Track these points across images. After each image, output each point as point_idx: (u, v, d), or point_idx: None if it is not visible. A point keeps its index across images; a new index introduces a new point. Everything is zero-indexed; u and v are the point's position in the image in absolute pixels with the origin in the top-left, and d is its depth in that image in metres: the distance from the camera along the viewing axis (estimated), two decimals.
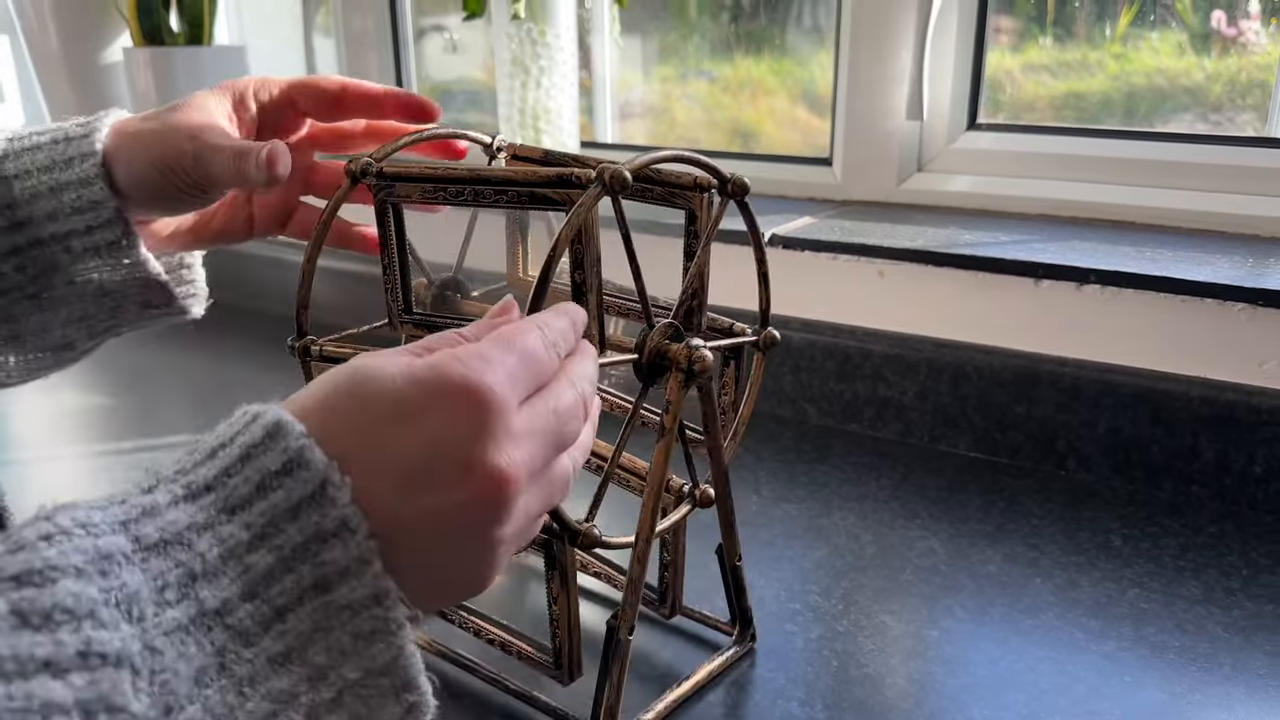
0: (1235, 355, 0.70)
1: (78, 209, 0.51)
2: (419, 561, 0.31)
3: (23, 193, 0.51)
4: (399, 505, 0.30)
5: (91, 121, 0.52)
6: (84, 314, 0.54)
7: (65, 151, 0.51)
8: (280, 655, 0.28)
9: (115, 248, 0.52)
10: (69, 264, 0.52)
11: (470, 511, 0.31)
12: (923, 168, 0.96)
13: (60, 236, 0.51)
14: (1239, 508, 0.71)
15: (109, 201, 0.51)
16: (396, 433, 0.30)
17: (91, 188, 0.50)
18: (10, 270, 0.52)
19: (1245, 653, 0.55)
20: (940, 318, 0.80)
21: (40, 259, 0.52)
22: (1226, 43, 0.86)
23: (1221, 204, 0.82)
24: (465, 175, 0.46)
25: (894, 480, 0.76)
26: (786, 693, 0.52)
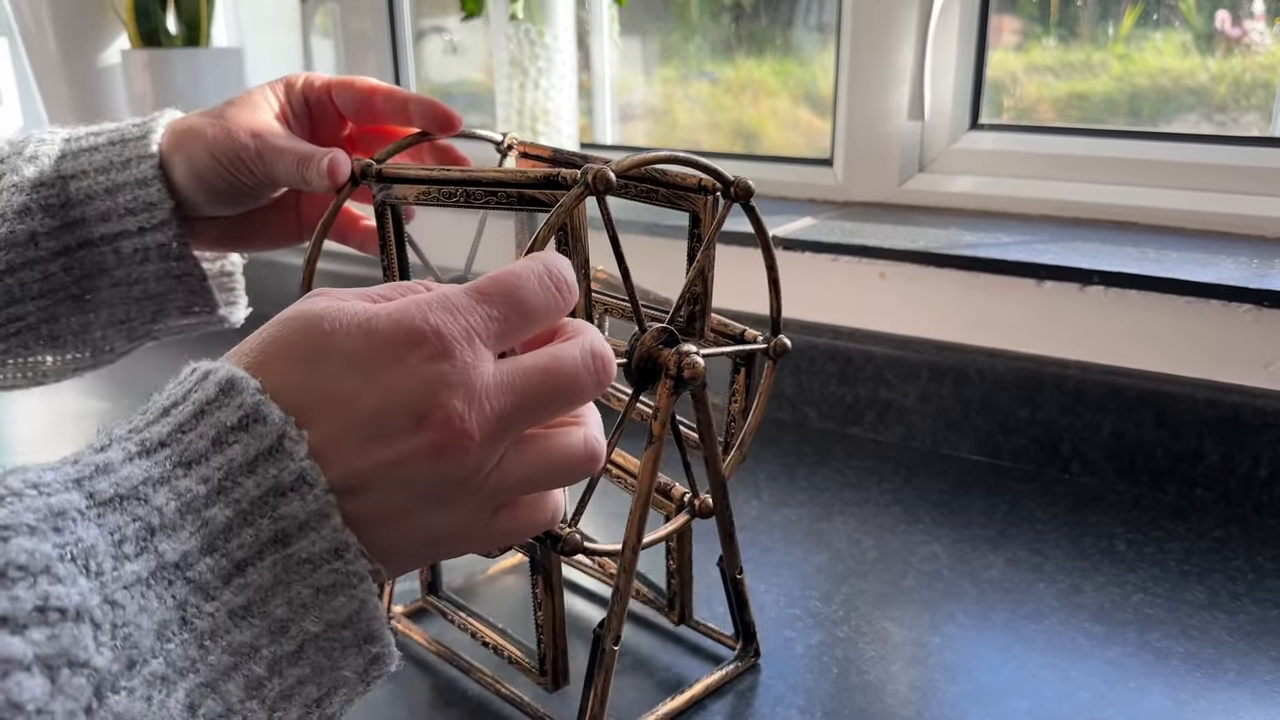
0: (1240, 357, 0.69)
1: (131, 210, 0.52)
2: (381, 516, 0.30)
3: (78, 192, 0.52)
4: (355, 457, 0.29)
5: (147, 122, 0.53)
6: (125, 316, 0.55)
7: (123, 153, 0.52)
8: (241, 609, 0.28)
9: (165, 250, 0.53)
10: (116, 265, 0.53)
11: (427, 464, 0.30)
12: (924, 168, 0.95)
13: (111, 237, 0.52)
14: (1244, 511, 0.70)
15: (165, 202, 0.52)
16: (352, 384, 0.29)
17: (149, 188, 0.51)
18: (58, 270, 0.52)
19: (1251, 658, 0.54)
20: (942, 319, 0.80)
21: (88, 260, 0.52)
22: (1231, 43, 0.86)
23: (1226, 204, 0.81)
24: (458, 177, 0.46)
25: (896, 484, 0.75)
26: (786, 700, 0.52)
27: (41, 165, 0.51)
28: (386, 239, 0.50)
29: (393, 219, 0.50)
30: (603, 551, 0.44)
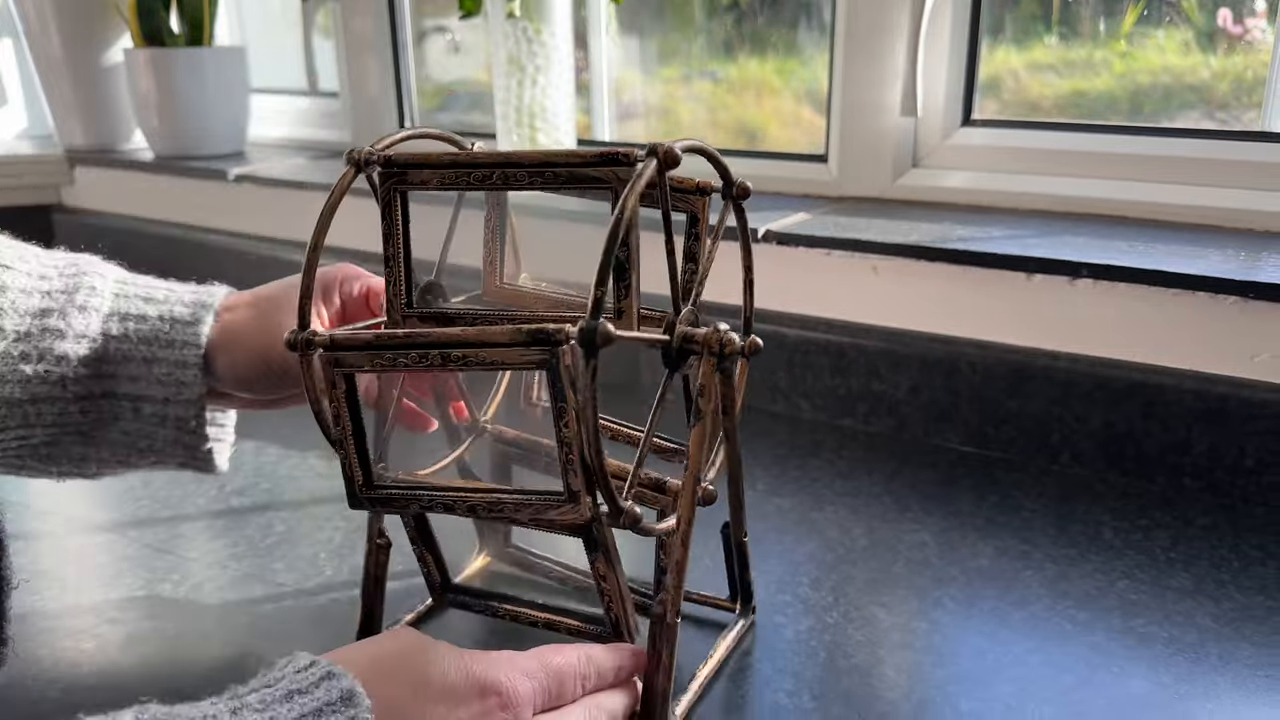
0: (1227, 348, 0.70)
1: (163, 382, 0.54)
2: None
3: (116, 352, 0.53)
4: None
5: (199, 305, 0.55)
6: (125, 458, 0.56)
7: (169, 333, 0.54)
8: None
9: (183, 424, 0.55)
10: (132, 420, 0.54)
11: None
12: (918, 164, 0.96)
13: (134, 397, 0.54)
14: (1231, 500, 0.71)
15: (197, 387, 0.54)
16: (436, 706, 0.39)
17: (186, 371, 0.53)
18: (76, 411, 0.53)
19: (1233, 643, 0.55)
20: (933, 313, 0.80)
21: (106, 408, 0.54)
22: (1232, 40, 0.86)
23: (1215, 198, 0.82)
24: (492, 158, 0.46)
25: (886, 474, 0.76)
26: (774, 683, 0.53)
27: (89, 320, 0.53)
28: (392, 231, 0.50)
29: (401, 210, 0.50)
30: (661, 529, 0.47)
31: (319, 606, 0.60)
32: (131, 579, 0.63)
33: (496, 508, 0.45)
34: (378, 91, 1.33)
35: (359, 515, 0.70)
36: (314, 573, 0.64)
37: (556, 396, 0.40)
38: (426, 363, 0.42)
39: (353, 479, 0.46)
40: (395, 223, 0.50)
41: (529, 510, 0.44)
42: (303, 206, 1.19)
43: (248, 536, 0.69)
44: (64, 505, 0.75)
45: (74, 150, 1.44)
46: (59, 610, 0.60)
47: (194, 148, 1.34)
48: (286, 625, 0.59)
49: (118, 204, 1.41)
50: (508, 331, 0.41)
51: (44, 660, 0.55)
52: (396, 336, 0.43)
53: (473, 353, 0.42)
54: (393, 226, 0.50)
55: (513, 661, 0.43)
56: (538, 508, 0.44)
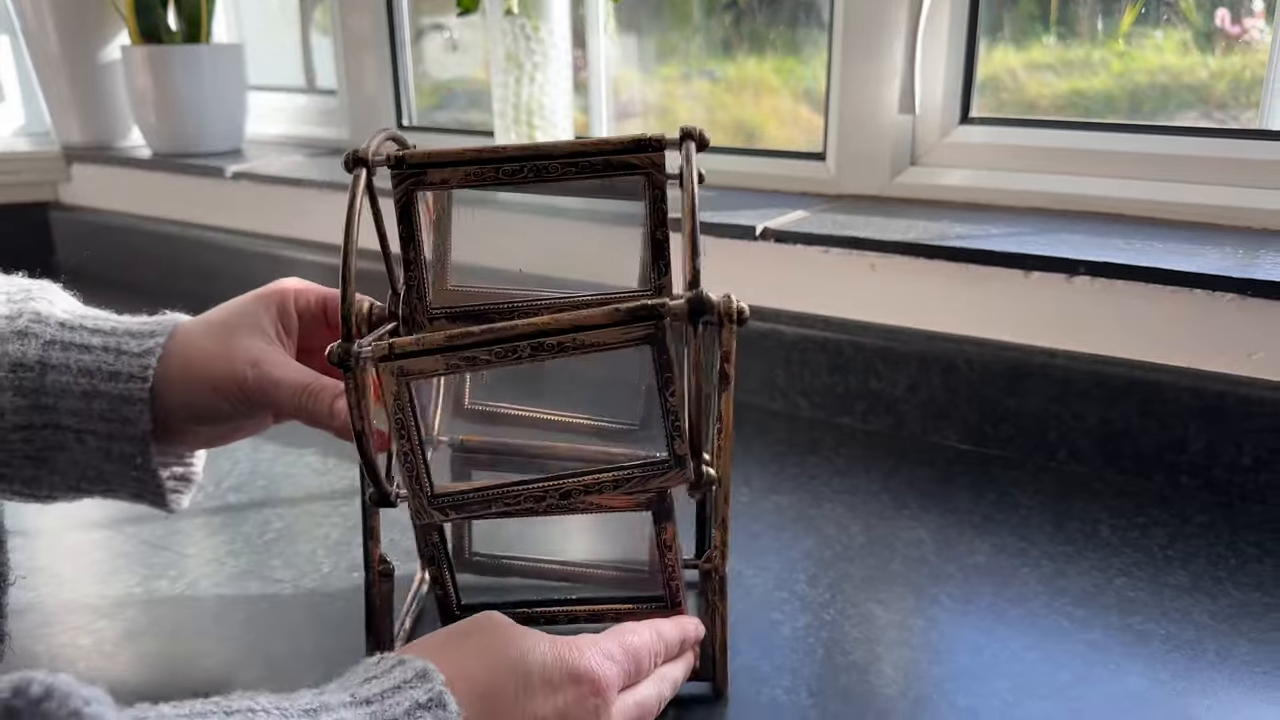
0: (1224, 346, 0.70)
1: (106, 418, 0.51)
2: None
3: (54, 385, 0.51)
4: None
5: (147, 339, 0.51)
6: (77, 488, 0.54)
7: (113, 364, 0.51)
8: None
9: (129, 460, 0.52)
10: (78, 450, 0.52)
11: None
12: (916, 162, 0.96)
13: (76, 429, 0.51)
14: (1228, 498, 0.71)
15: (143, 424, 0.51)
16: (536, 695, 0.41)
17: (130, 407, 0.50)
18: (18, 441, 0.51)
19: (1230, 640, 0.55)
20: (931, 310, 0.80)
21: (51, 439, 0.52)
22: (1230, 40, 0.86)
23: (1213, 196, 0.82)
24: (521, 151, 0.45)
25: (884, 472, 0.76)
26: (771, 680, 0.53)
27: (27, 346, 0.50)
28: (413, 233, 0.48)
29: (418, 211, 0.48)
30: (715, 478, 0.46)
31: (316, 603, 0.60)
32: (128, 575, 0.63)
33: (594, 488, 0.44)
34: (375, 89, 1.33)
35: (355, 512, 0.70)
36: (311, 569, 0.64)
37: (662, 369, 0.42)
38: (515, 357, 0.41)
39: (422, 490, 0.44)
40: (415, 225, 0.48)
41: (631, 484, 0.44)
42: (300, 204, 1.18)
43: (245, 533, 0.69)
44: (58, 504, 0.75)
45: (71, 147, 1.44)
46: (56, 606, 0.60)
47: (191, 145, 1.34)
48: (284, 621, 0.59)
49: (115, 201, 1.41)
50: (606, 313, 0.40)
51: (41, 656, 0.55)
52: (473, 334, 0.41)
53: (569, 339, 0.40)
54: (412, 229, 0.48)
55: (596, 645, 0.44)
56: (641, 479, 0.44)
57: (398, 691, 0.38)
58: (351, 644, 0.56)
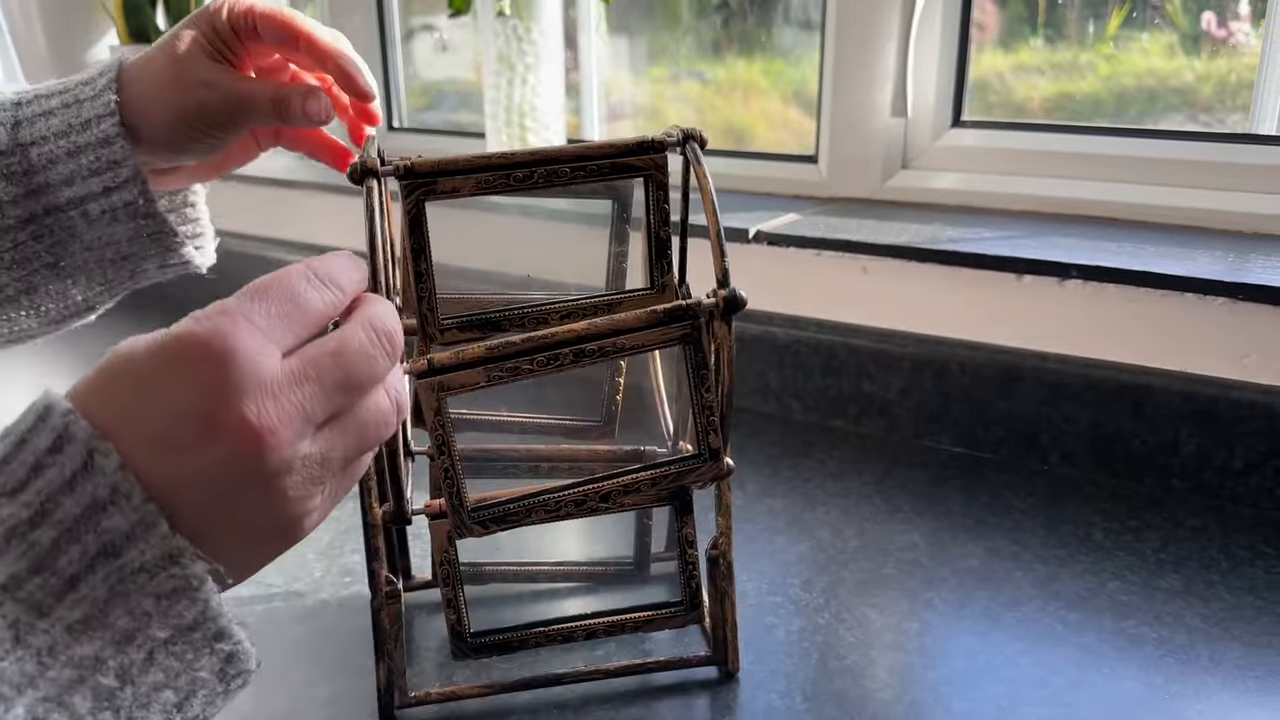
0: (1216, 349, 0.70)
1: (95, 170, 0.51)
2: (207, 523, 0.31)
3: (40, 158, 0.51)
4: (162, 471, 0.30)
5: (98, 79, 0.52)
6: (103, 279, 0.55)
7: (79, 114, 0.51)
8: (79, 623, 0.29)
9: (133, 209, 0.52)
10: (86, 230, 0.52)
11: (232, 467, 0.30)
12: (907, 165, 0.96)
13: (77, 200, 0.51)
14: (1220, 501, 0.71)
15: (128, 159, 0.51)
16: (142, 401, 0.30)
17: (111, 147, 0.51)
18: (28, 239, 0.52)
19: (1223, 644, 0.55)
20: (924, 313, 0.80)
21: (57, 226, 0.52)
22: (1216, 44, 0.87)
23: (1204, 200, 0.82)
24: (529, 157, 0.46)
25: (877, 475, 0.76)
26: (766, 684, 0.52)
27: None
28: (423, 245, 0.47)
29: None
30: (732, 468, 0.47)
31: (308, 607, 0.60)
32: None
33: (632, 488, 0.45)
34: None
35: (347, 517, 0.69)
36: (303, 574, 0.63)
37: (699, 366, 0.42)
38: (557, 364, 0.41)
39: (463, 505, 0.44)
40: (425, 236, 0.47)
41: (668, 480, 0.45)
42: (292, 205, 1.18)
43: None
44: None
45: None
46: None
47: None
48: (275, 626, 0.58)
49: None
50: (644, 315, 0.42)
51: None
52: (514, 344, 0.41)
53: (609, 343, 0.42)
54: (423, 240, 0.47)
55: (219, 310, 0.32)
56: (676, 475, 0.45)
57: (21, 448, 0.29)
58: (346, 651, 0.56)
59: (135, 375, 0.31)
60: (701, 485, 0.47)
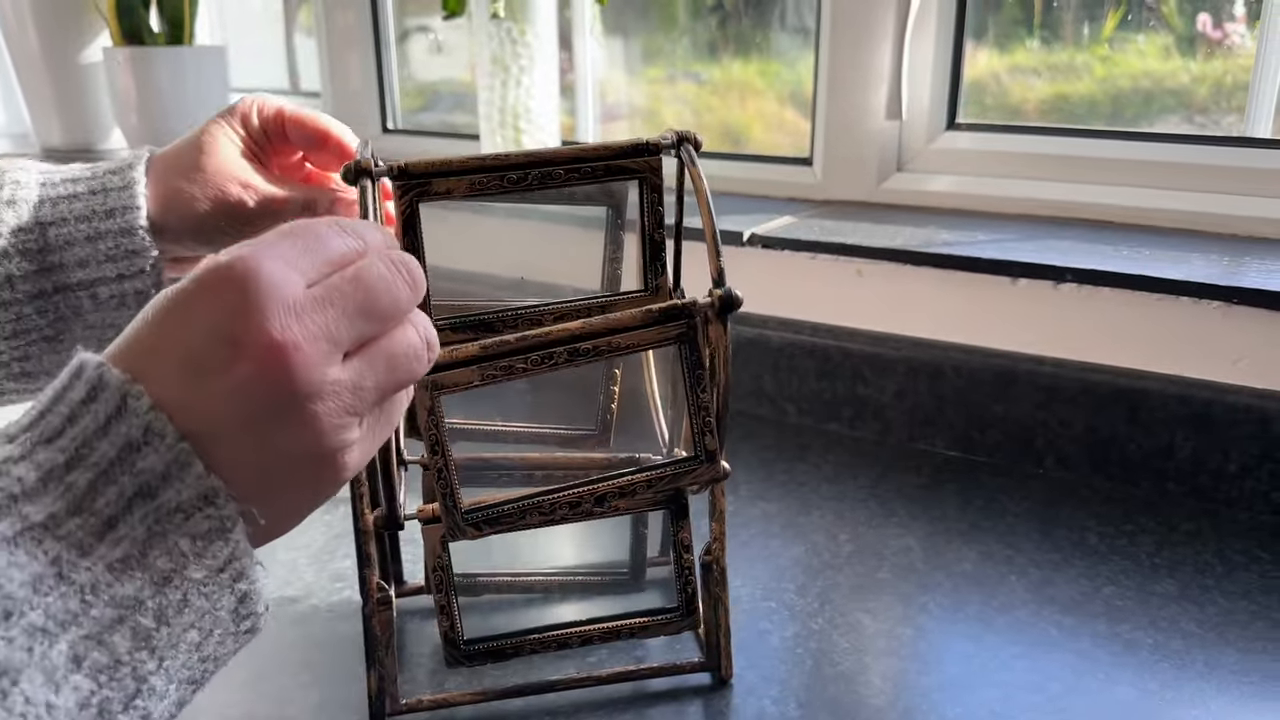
0: (1211, 353, 0.70)
1: (112, 257, 0.52)
2: (242, 455, 0.31)
3: (57, 238, 0.52)
4: (193, 399, 0.30)
5: (127, 171, 0.53)
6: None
7: (105, 203, 0.52)
8: (119, 561, 0.29)
9: (143, 297, 0.53)
10: (92, 310, 0.53)
11: (260, 387, 0.30)
12: (902, 167, 0.96)
13: (88, 284, 0.52)
14: (1215, 505, 0.71)
15: (148, 251, 0.52)
16: (170, 326, 0.31)
17: (132, 238, 0.52)
18: (32, 313, 0.52)
19: (1218, 649, 0.55)
20: (918, 317, 0.80)
21: (64, 304, 0.53)
22: (1212, 45, 0.87)
23: (1200, 203, 0.82)
24: (524, 159, 0.46)
25: (872, 479, 0.76)
26: (759, 690, 0.52)
27: (20, 211, 0.51)
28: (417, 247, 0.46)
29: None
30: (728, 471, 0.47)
31: (299, 612, 0.59)
32: None
33: (627, 491, 0.44)
34: (360, 90, 1.32)
35: (339, 521, 0.69)
36: (294, 578, 0.63)
37: (694, 366, 0.42)
38: (551, 363, 0.41)
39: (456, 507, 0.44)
40: (419, 237, 0.46)
41: (664, 482, 0.45)
42: None
43: None
44: None
45: (51, 149, 1.42)
46: None
47: None
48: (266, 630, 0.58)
49: None
50: (639, 314, 0.42)
51: None
52: (508, 343, 0.41)
53: (604, 342, 0.41)
54: (417, 241, 0.46)
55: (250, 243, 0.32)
56: (673, 477, 0.45)
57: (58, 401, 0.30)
58: (337, 657, 0.55)
59: (163, 309, 0.31)
60: (698, 489, 0.47)
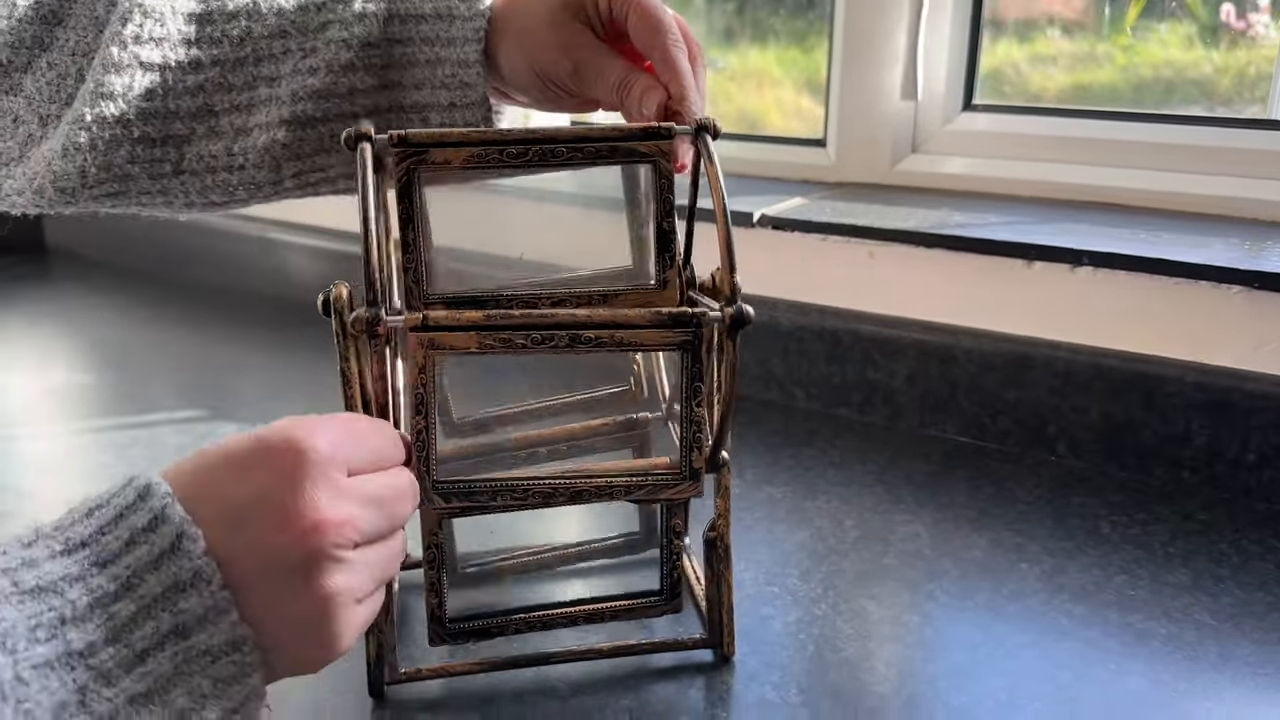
0: (1230, 339, 0.69)
1: (447, 85, 0.52)
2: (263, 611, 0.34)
3: (401, 57, 0.52)
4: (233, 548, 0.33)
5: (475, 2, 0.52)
6: None
7: (449, 30, 0.52)
8: (141, 695, 0.31)
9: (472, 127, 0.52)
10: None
11: (292, 554, 0.34)
12: (917, 149, 0.94)
13: (421, 107, 0.53)
14: (1231, 494, 0.69)
15: (480, 86, 0.52)
16: (225, 477, 0.35)
17: (469, 70, 0.51)
18: None
19: (1233, 640, 0.54)
20: (930, 300, 0.79)
21: (395, 124, 0.53)
22: (1235, 35, 0.85)
23: (1221, 187, 0.80)
24: (526, 134, 0.45)
25: (880, 464, 0.75)
26: (760, 676, 0.51)
27: (369, 26, 0.51)
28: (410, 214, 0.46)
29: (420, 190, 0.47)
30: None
31: None
32: None
33: (605, 491, 0.44)
34: None
35: None
36: None
37: (694, 378, 0.41)
38: (551, 345, 0.41)
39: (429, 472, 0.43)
40: (415, 204, 0.46)
41: (641, 491, 0.44)
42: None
43: None
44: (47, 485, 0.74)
45: None
46: None
47: None
48: None
49: None
50: (648, 314, 0.41)
51: None
52: (514, 316, 0.41)
53: (607, 334, 0.41)
54: (412, 209, 0.46)
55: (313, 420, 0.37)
56: (653, 488, 0.44)
57: (118, 522, 0.33)
58: None
59: (222, 458, 0.35)
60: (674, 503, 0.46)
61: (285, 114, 0.51)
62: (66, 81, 0.51)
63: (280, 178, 0.53)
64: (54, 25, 0.51)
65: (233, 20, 0.51)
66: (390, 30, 0.52)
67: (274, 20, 0.51)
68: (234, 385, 0.93)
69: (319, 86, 0.51)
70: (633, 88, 0.50)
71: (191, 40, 0.51)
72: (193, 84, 0.51)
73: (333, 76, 0.51)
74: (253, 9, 0.51)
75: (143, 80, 0.50)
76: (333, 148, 0.52)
